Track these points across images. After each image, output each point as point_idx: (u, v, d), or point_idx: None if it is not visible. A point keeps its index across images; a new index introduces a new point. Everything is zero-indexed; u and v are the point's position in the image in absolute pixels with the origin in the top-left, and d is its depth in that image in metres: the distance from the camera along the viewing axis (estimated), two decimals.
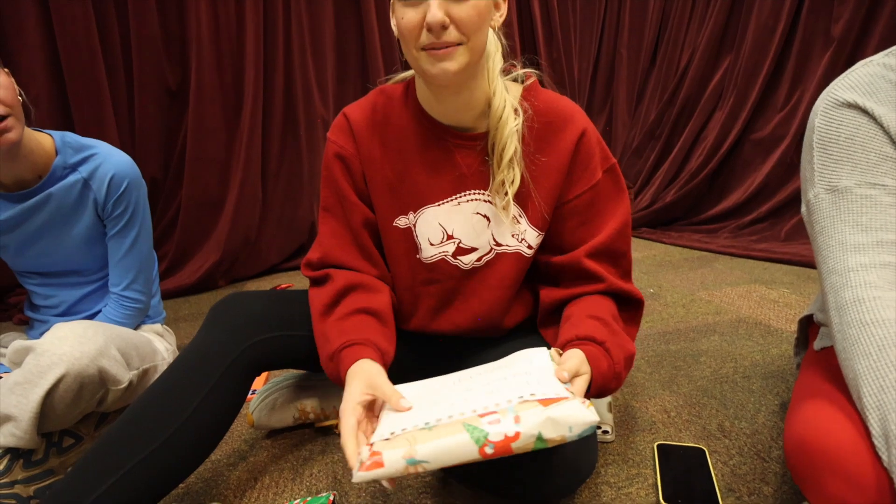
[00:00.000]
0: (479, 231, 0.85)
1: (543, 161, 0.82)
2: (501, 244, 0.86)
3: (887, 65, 0.66)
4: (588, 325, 0.75)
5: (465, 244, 0.86)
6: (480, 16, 0.70)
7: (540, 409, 0.56)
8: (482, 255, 0.87)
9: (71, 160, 1.03)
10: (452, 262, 0.87)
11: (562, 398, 0.57)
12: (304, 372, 1.12)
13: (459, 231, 0.85)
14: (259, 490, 0.89)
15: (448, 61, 0.71)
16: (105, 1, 1.98)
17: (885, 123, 0.63)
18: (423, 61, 0.72)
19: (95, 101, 1.96)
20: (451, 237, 0.86)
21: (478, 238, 0.86)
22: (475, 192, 0.84)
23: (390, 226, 0.87)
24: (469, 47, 0.71)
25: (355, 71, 2.48)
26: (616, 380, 0.74)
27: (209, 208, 2.25)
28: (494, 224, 0.85)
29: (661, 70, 2.74)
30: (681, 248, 2.33)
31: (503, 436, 0.55)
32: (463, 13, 0.68)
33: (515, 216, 0.84)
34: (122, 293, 1.11)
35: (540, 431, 0.55)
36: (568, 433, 0.56)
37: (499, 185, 0.81)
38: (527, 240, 0.85)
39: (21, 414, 0.83)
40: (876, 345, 0.55)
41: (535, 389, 0.60)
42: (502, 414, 0.57)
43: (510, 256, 0.87)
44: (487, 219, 0.85)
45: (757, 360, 1.21)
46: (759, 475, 0.83)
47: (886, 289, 0.58)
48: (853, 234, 0.62)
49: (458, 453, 0.55)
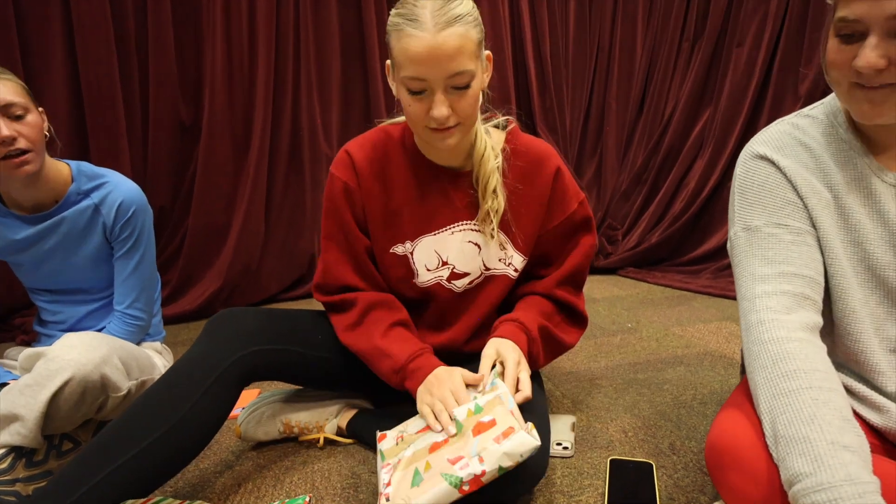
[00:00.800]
0: (470, 257, 0.97)
1: (525, 194, 0.96)
2: (490, 268, 0.99)
3: (795, 124, 0.77)
4: (513, 312, 0.98)
5: (458, 269, 0.98)
6: (476, 101, 0.84)
7: (496, 447, 0.72)
8: (473, 279, 0.99)
9: (84, 187, 1.13)
10: (447, 286, 0.98)
11: (510, 431, 0.73)
12: (291, 388, 1.20)
13: (453, 257, 0.97)
14: (242, 494, 0.96)
15: (450, 139, 0.84)
16: (127, 42, 2.15)
17: (788, 174, 0.74)
18: (427, 136, 0.86)
19: (112, 134, 2.11)
20: (446, 263, 0.98)
21: (469, 263, 0.98)
22: (466, 222, 0.97)
23: (387, 253, 0.98)
24: (466, 126, 0.85)
25: (359, 113, 2.64)
26: (534, 344, 0.95)
27: (214, 238, 2.35)
28: (484, 251, 0.97)
29: (647, 119, 2.90)
30: (663, 287, 2.42)
31: (473, 475, 0.71)
32: (463, 104, 0.81)
33: (502, 243, 0.97)
34: (126, 311, 1.19)
35: (499, 464, 0.71)
36: (520, 458, 0.72)
37: (485, 214, 0.94)
38: (513, 264, 0.99)
39: (28, 414, 0.90)
40: (771, 359, 0.64)
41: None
42: (468, 458, 0.73)
43: (498, 279, 1.00)
44: (478, 246, 0.97)
45: (715, 389, 1.29)
46: (699, 487, 0.90)
47: (783, 312, 0.67)
48: (761, 266, 0.72)
49: (444, 498, 0.72)
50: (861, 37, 0.60)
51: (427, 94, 0.80)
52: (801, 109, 0.80)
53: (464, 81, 0.79)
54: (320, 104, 2.54)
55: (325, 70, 2.52)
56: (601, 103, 3.03)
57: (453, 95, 0.80)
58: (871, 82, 0.61)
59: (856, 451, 0.56)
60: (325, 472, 1.01)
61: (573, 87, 3.02)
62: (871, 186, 0.70)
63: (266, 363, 0.94)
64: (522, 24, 2.80)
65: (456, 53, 0.77)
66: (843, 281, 0.71)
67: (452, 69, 0.77)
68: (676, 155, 2.76)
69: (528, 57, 2.83)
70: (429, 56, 0.76)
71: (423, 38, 0.76)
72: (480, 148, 0.93)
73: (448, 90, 0.80)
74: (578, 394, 1.30)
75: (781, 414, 0.60)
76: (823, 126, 0.74)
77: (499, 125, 1.01)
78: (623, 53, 2.95)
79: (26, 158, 1.02)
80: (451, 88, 0.80)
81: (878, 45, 0.59)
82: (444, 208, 0.96)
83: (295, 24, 2.43)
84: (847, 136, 0.72)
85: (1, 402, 0.92)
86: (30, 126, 1.03)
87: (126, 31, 2.14)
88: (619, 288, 2.45)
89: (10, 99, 1.00)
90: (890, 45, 0.59)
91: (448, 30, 0.76)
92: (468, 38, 0.78)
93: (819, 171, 0.73)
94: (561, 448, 1.02)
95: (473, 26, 0.79)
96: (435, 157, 0.96)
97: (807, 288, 0.69)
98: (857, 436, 0.57)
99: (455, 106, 0.81)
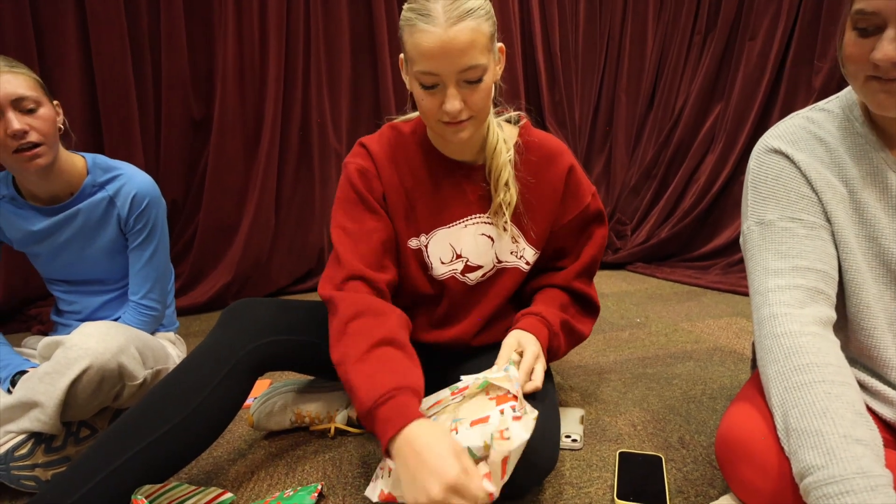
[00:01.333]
0: (484, 250, 0.98)
1: (538, 188, 0.96)
2: (503, 261, 1.00)
3: (809, 118, 0.77)
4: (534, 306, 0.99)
5: (472, 262, 0.99)
6: (489, 94, 0.84)
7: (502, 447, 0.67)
8: (486, 271, 1.00)
9: (99, 179, 1.15)
10: (461, 278, 0.99)
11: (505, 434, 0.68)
12: (303, 379, 1.21)
13: (467, 250, 0.98)
14: (254, 482, 0.98)
15: (462, 132, 0.85)
16: (141, 39, 2.17)
17: (803, 168, 0.74)
18: (440, 130, 0.86)
19: (126, 129, 2.14)
20: (460, 256, 0.98)
21: (483, 256, 0.98)
22: (479, 215, 0.97)
23: (405, 246, 0.98)
24: (479, 119, 0.85)
25: (368, 109, 2.65)
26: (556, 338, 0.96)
27: (224, 232, 2.38)
28: (497, 243, 0.98)
29: (657, 114, 2.88)
30: (672, 282, 2.41)
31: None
32: (476, 97, 0.82)
33: (514, 236, 0.98)
34: (140, 301, 1.21)
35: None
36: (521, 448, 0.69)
37: (497, 206, 0.95)
38: (525, 257, 1.00)
39: (48, 401, 0.92)
40: (783, 352, 0.64)
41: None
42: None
43: (510, 272, 1.01)
44: (491, 239, 0.98)
45: (725, 384, 1.29)
46: (709, 480, 0.90)
47: (797, 306, 0.67)
48: (774, 261, 0.72)
49: None
50: (878, 30, 0.60)
51: (440, 89, 0.81)
52: (815, 103, 0.79)
53: (476, 76, 0.80)
54: (330, 100, 2.55)
55: (335, 66, 2.53)
56: (611, 97, 3.01)
57: (465, 89, 0.80)
58: (889, 75, 0.60)
59: (868, 444, 0.56)
60: (337, 461, 1.03)
61: (583, 82, 3.01)
62: (886, 181, 0.70)
63: (279, 353, 0.95)
64: (532, 17, 2.79)
65: (468, 48, 0.77)
66: (857, 276, 0.70)
67: (464, 64, 0.78)
68: (687, 150, 2.74)
69: (537, 51, 2.82)
70: (441, 51, 0.77)
71: (435, 34, 0.76)
72: (493, 141, 0.93)
73: (460, 84, 0.80)
74: (587, 387, 1.31)
75: (794, 407, 0.60)
76: (839, 120, 0.74)
77: (511, 120, 1.01)
78: (633, 47, 2.93)
79: (38, 152, 1.03)
80: (464, 82, 0.80)
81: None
82: (458, 201, 0.97)
83: (305, 20, 2.43)
84: (863, 130, 0.71)
85: (21, 390, 0.94)
86: (42, 119, 1.04)
87: (139, 28, 2.16)
88: (628, 283, 2.44)
89: (22, 93, 1.01)
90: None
91: (459, 24, 0.76)
92: (480, 32, 0.78)
93: (834, 166, 0.72)
94: (570, 440, 1.02)
95: (485, 20, 0.80)
96: (448, 151, 0.96)
97: (820, 282, 0.69)
98: (870, 430, 0.57)
99: (467, 100, 0.81)
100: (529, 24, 2.81)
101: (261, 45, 2.36)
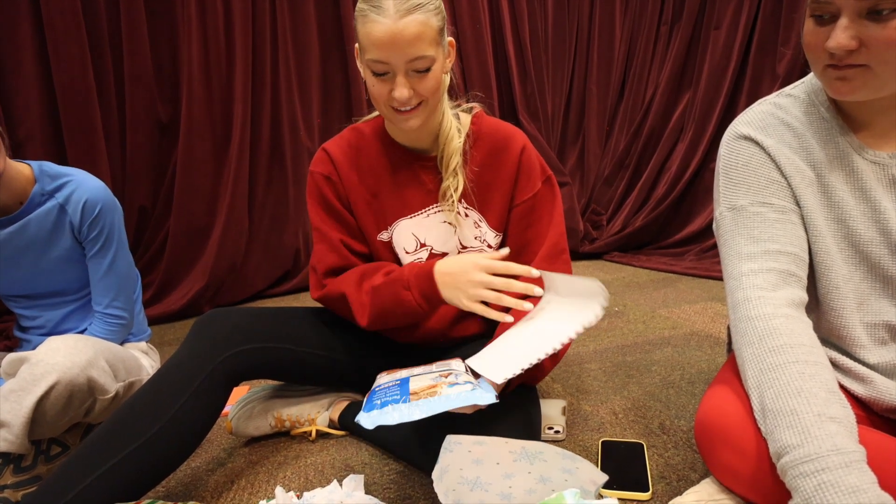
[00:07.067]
0: (447, 237, 1.00)
1: (494, 171, 0.98)
2: (467, 247, 1.02)
3: (777, 104, 0.78)
4: None
5: (436, 250, 1.01)
6: (438, 83, 0.88)
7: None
8: None
9: (48, 187, 1.10)
10: None
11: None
12: (282, 383, 1.19)
13: (431, 239, 1.00)
14: (235, 491, 0.96)
15: (412, 119, 0.88)
16: (101, 39, 2.09)
17: (772, 153, 0.75)
18: (391, 117, 0.89)
19: (89, 135, 2.06)
20: (424, 245, 1.01)
21: (446, 244, 1.01)
22: (439, 204, 0.99)
23: (375, 240, 1.01)
24: (429, 106, 0.89)
25: (339, 105, 2.61)
26: None
27: (196, 236, 2.32)
28: (460, 230, 1.00)
29: (628, 104, 2.91)
30: (649, 270, 2.44)
31: None
32: (424, 85, 0.85)
33: (476, 221, 1.00)
34: (106, 311, 1.17)
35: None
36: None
37: (445, 190, 0.98)
38: (487, 240, 1.01)
39: (14, 419, 0.89)
40: (758, 335, 0.65)
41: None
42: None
43: None
44: (454, 226, 1.00)
45: (703, 368, 1.31)
46: (689, 464, 0.91)
47: (769, 289, 0.68)
48: (746, 245, 0.73)
49: None
50: (833, 18, 0.62)
51: (389, 77, 0.85)
52: (782, 89, 0.80)
53: (424, 66, 0.84)
54: (300, 98, 2.51)
55: (304, 63, 2.49)
56: (582, 89, 3.03)
57: (414, 78, 0.85)
58: (843, 62, 0.62)
59: (842, 421, 0.57)
60: (319, 466, 1.01)
61: (553, 73, 3.02)
62: (852, 164, 0.71)
63: (254, 362, 0.94)
64: (501, 9, 2.78)
65: (415, 39, 0.81)
66: (826, 258, 0.72)
67: (412, 54, 0.82)
68: (658, 139, 2.77)
69: (507, 42, 2.81)
70: (390, 41, 0.81)
71: (385, 24, 0.80)
72: (446, 129, 0.97)
73: (409, 73, 0.84)
74: (568, 378, 1.32)
75: (769, 388, 0.61)
76: (805, 105, 0.75)
77: (466, 110, 1.04)
78: (602, 38, 2.95)
79: None
80: (412, 72, 0.84)
81: (849, 26, 0.60)
82: (417, 192, 0.99)
83: (272, 18, 2.39)
84: (828, 114, 0.73)
85: None
86: None
87: (99, 28, 2.08)
88: (605, 272, 2.47)
89: None
90: (860, 26, 0.60)
91: (408, 17, 0.80)
92: (428, 26, 0.82)
93: (802, 150, 0.74)
94: (552, 432, 1.02)
95: (434, 14, 0.84)
96: (404, 140, 0.99)
97: (792, 265, 0.70)
98: (843, 407, 0.59)
99: (416, 87, 0.85)
100: (499, 17, 2.81)
101: (226, 44, 2.31)
